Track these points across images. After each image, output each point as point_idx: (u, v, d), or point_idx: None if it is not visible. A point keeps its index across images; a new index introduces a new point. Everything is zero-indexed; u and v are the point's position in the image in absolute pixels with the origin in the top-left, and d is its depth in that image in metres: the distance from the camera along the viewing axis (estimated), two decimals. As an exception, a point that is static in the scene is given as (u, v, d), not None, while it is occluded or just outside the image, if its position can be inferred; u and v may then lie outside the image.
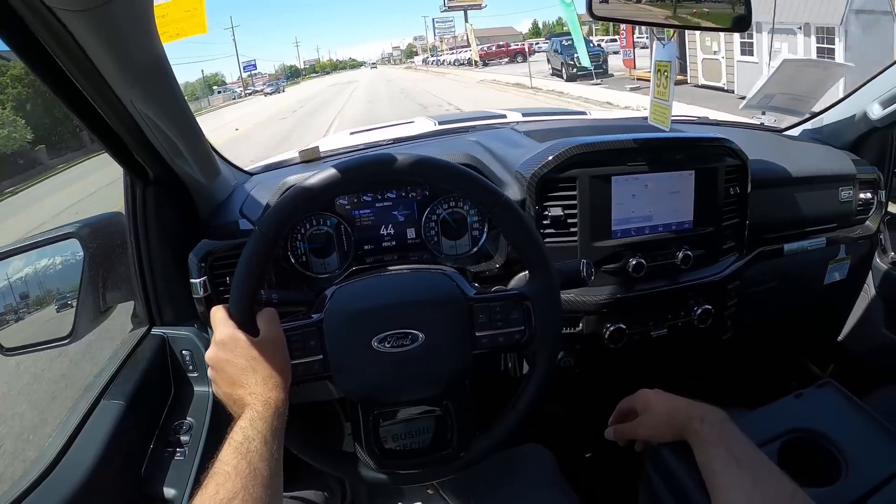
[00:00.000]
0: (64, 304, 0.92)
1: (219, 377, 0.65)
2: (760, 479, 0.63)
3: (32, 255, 0.92)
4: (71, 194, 8.28)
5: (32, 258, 0.93)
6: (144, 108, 0.71)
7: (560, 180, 0.96)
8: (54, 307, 0.93)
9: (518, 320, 0.73)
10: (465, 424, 0.75)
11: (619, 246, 0.99)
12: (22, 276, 0.93)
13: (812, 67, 1.40)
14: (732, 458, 0.65)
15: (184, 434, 0.86)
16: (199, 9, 0.77)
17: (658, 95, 0.97)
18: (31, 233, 0.93)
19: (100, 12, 0.53)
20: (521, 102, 11.68)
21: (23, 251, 0.91)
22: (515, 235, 0.73)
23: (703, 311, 1.04)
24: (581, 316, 1.00)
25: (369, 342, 0.69)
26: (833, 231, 1.24)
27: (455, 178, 0.71)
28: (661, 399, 0.80)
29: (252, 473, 0.54)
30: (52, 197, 9.20)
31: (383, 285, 0.76)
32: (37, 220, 6.49)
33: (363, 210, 0.95)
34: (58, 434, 0.78)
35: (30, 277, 0.94)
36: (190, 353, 0.90)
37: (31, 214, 7.60)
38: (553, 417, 1.15)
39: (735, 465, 0.65)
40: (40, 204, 8.60)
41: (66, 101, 0.69)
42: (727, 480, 0.65)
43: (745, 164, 1.06)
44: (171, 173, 0.85)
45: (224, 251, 0.89)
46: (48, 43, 0.58)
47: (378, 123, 1.87)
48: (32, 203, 9.12)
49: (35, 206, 8.63)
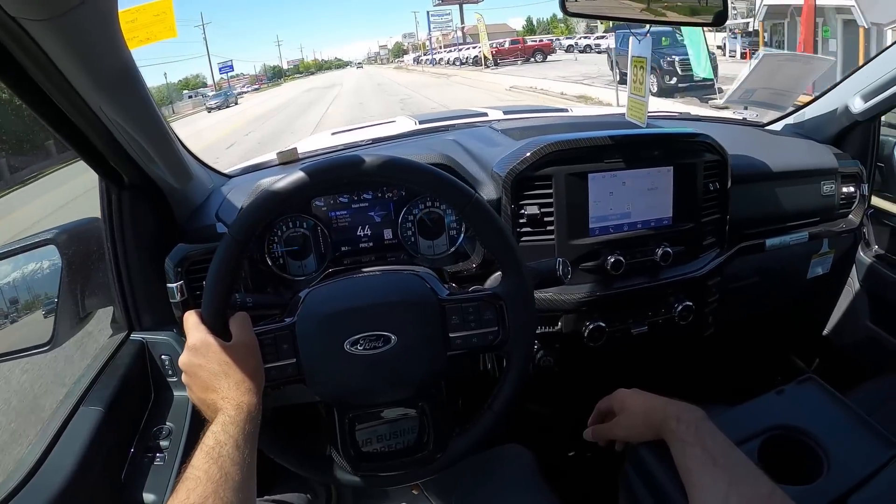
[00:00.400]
0: (42, 311, 0.92)
1: (192, 382, 0.65)
2: (737, 477, 0.63)
3: (9, 263, 0.92)
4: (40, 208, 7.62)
5: (10, 266, 0.93)
6: (114, 114, 0.70)
7: (536, 178, 0.95)
8: (33, 314, 0.93)
9: (491, 321, 0.73)
10: (441, 425, 0.75)
11: (597, 244, 0.99)
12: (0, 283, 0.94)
13: (792, 61, 1.40)
14: (709, 457, 0.65)
15: (163, 439, 0.85)
16: (167, 13, 0.77)
17: (634, 91, 0.97)
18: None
19: (63, 20, 0.53)
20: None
21: (0, 258, 0.91)
22: (487, 235, 0.73)
23: (684, 308, 1.04)
24: (560, 315, 1.00)
25: (342, 345, 0.69)
26: (816, 225, 1.24)
27: (424, 178, 0.71)
28: (638, 398, 0.79)
29: (223, 478, 0.54)
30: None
31: (355, 287, 0.76)
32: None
33: (340, 211, 0.95)
34: (37, 441, 0.78)
35: (7, 285, 0.94)
36: (169, 357, 0.90)
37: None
38: (534, 417, 1.15)
39: (711, 464, 0.64)
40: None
41: (35, 109, 0.68)
42: (703, 479, 0.64)
43: (725, 159, 1.06)
44: (146, 178, 0.85)
45: (200, 255, 0.88)
46: (13, 51, 0.57)
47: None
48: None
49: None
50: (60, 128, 0.72)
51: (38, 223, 5.71)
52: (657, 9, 0.93)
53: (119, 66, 0.67)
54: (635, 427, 0.78)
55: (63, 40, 0.57)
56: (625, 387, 0.84)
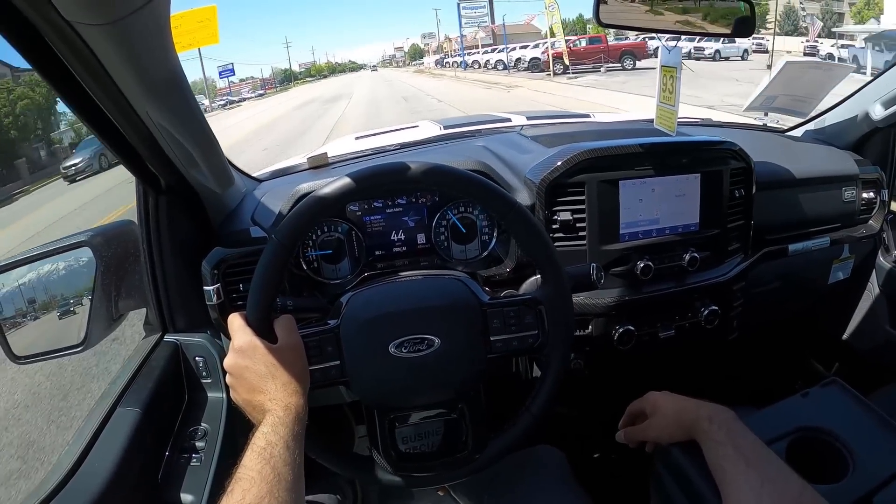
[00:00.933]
0: (75, 312, 0.93)
1: (238, 384, 0.66)
2: (769, 476, 0.64)
3: (45, 264, 0.93)
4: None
5: (45, 267, 0.94)
6: (160, 119, 0.71)
7: (569, 185, 0.97)
8: (66, 315, 0.94)
9: (532, 324, 0.74)
10: (479, 427, 0.76)
11: (626, 249, 1.00)
12: (34, 284, 0.94)
13: (814, 69, 1.41)
14: (741, 457, 0.66)
15: (199, 440, 0.86)
16: (211, 20, 0.77)
17: (664, 100, 0.98)
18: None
19: (119, 26, 0.54)
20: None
21: (35, 260, 0.91)
22: (528, 241, 0.74)
23: (710, 312, 1.05)
24: (590, 318, 1.01)
25: (386, 348, 0.70)
26: (837, 231, 1.25)
27: (469, 186, 0.73)
28: (670, 400, 0.80)
29: (276, 478, 0.55)
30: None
31: (399, 291, 0.77)
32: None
33: (374, 216, 0.96)
34: (75, 441, 0.78)
35: (42, 286, 0.94)
36: (203, 359, 0.91)
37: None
38: (564, 419, 1.16)
39: (744, 464, 0.66)
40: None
41: (80, 112, 0.69)
42: (736, 479, 0.65)
43: (750, 166, 1.07)
44: (183, 182, 0.86)
45: (236, 258, 0.89)
46: (65, 55, 0.58)
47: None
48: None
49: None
50: (104, 132, 0.73)
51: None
52: (688, 19, 0.94)
53: (168, 71, 0.67)
54: (667, 428, 0.79)
55: (116, 45, 0.58)
56: (652, 389, 0.85)
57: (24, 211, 10.90)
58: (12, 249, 5.86)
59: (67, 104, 0.67)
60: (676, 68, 0.95)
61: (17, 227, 8.94)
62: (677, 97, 0.95)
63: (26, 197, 13.18)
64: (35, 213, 10.02)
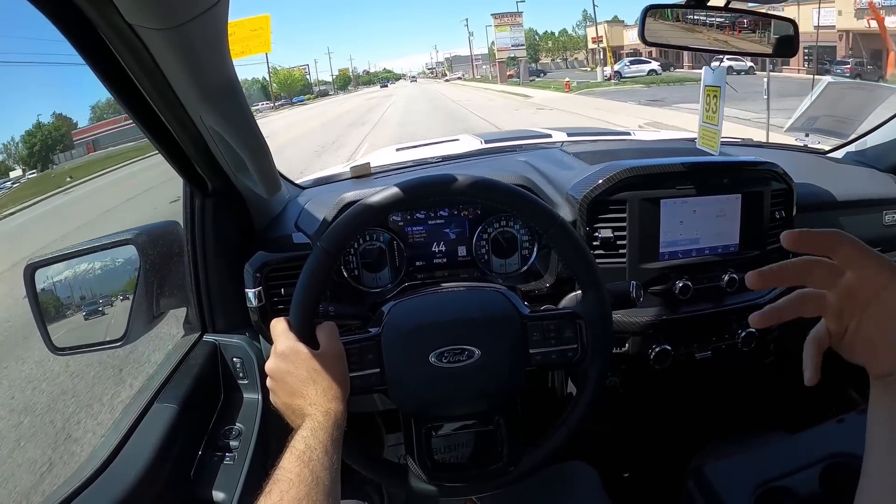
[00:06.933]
0: (116, 308, 0.95)
1: (278, 387, 0.67)
2: None
3: (90, 259, 0.95)
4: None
5: (90, 262, 0.96)
6: (213, 124, 0.73)
7: (610, 202, 0.97)
8: (107, 309, 0.96)
9: (571, 338, 0.74)
10: (515, 440, 0.76)
11: (666, 268, 0.99)
12: (78, 278, 0.96)
13: (856, 90, 1.38)
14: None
15: (233, 439, 0.87)
16: (265, 28, 0.79)
17: (707, 120, 0.97)
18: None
19: (178, 31, 0.55)
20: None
21: (81, 255, 0.94)
22: (571, 257, 0.74)
23: (747, 335, 1.03)
24: (627, 336, 1.01)
25: (426, 357, 0.70)
26: None
27: (515, 199, 0.73)
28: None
29: (315, 481, 0.55)
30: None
31: (441, 302, 0.78)
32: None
33: (416, 227, 0.97)
34: (111, 433, 0.80)
35: (86, 281, 0.97)
36: (240, 360, 0.92)
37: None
38: (597, 435, 1.15)
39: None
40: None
41: (134, 115, 0.71)
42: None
43: (791, 188, 1.06)
44: (230, 186, 0.87)
45: (279, 263, 0.91)
46: (124, 57, 0.60)
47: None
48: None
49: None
50: (155, 134, 0.75)
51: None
52: (731, 40, 0.93)
53: (223, 77, 0.69)
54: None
55: (176, 50, 0.59)
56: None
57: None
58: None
59: (122, 105, 0.69)
60: (720, 88, 0.95)
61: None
62: (720, 117, 0.95)
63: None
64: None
